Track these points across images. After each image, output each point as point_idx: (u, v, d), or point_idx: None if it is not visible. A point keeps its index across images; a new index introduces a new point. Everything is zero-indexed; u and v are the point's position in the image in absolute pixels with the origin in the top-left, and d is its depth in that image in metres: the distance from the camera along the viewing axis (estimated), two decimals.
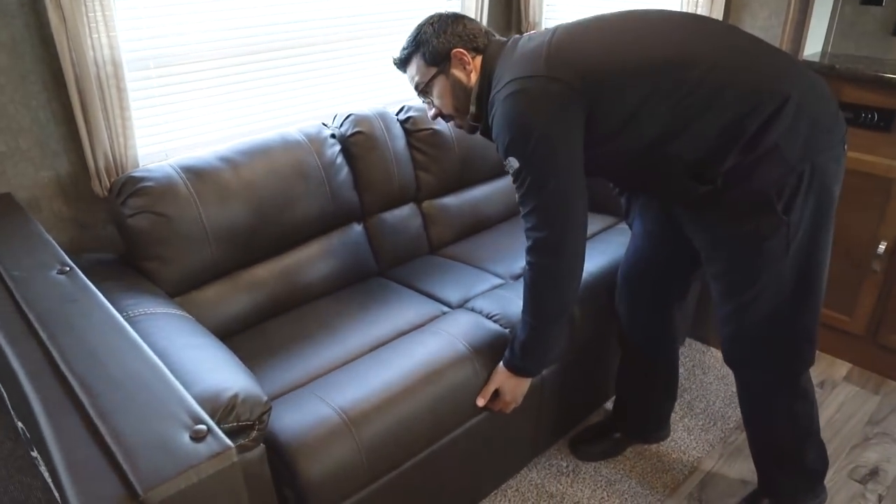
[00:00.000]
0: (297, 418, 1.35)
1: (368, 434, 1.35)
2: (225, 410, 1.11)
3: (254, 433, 1.17)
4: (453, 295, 1.85)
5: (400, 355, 1.53)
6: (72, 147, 1.67)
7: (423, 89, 1.50)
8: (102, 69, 1.56)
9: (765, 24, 2.08)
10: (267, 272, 1.78)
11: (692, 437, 1.99)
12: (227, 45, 1.84)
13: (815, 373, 2.03)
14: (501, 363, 1.55)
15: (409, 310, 1.76)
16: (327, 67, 2.09)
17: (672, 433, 1.99)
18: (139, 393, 0.86)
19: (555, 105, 1.27)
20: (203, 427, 0.79)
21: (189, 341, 1.30)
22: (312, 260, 1.86)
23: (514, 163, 1.32)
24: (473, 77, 1.43)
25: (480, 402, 1.54)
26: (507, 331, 1.65)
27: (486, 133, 1.44)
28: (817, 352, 1.48)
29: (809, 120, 1.26)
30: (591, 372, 1.98)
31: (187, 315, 1.45)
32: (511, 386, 1.55)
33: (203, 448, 0.76)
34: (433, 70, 1.46)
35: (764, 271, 1.36)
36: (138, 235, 1.55)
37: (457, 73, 1.44)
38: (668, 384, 1.88)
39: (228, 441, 0.77)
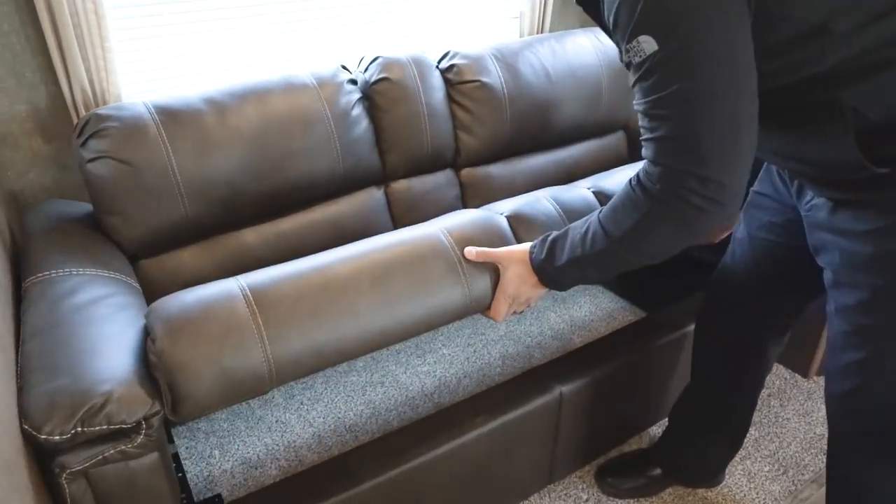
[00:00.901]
0: None
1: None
2: (90, 410, 0.90)
3: (139, 438, 0.96)
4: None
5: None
6: (50, 79, 1.50)
7: None
8: None
9: None
10: (257, 238, 1.55)
11: (753, 485, 1.62)
12: None
13: None
14: (526, 255, 1.15)
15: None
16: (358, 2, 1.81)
17: (727, 477, 1.63)
18: None
19: None
20: None
21: (100, 313, 1.10)
22: (316, 227, 1.61)
23: (645, 45, 0.86)
24: None
25: (471, 254, 1.17)
26: None
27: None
28: None
29: None
30: (631, 391, 1.64)
31: (127, 280, 1.25)
32: (526, 287, 1.17)
33: None
34: None
35: None
36: (98, 184, 1.35)
37: None
38: (736, 433, 1.52)
39: None
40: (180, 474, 1.39)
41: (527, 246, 1.16)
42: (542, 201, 1.30)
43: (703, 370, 1.47)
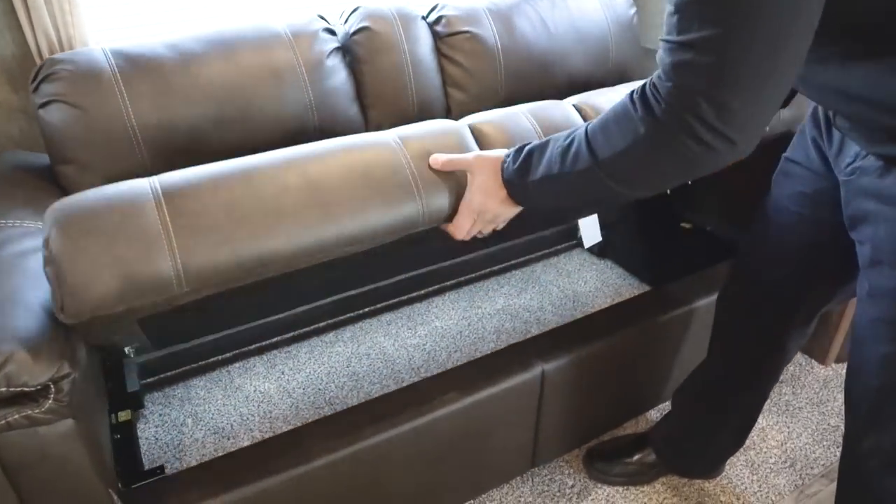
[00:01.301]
0: None
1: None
2: None
3: (48, 403, 0.87)
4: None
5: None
6: (14, 24, 1.42)
7: None
8: None
9: None
10: None
11: (755, 477, 1.49)
12: None
13: None
14: (499, 164, 0.99)
15: None
16: None
17: (727, 468, 1.50)
18: None
19: None
20: None
21: (26, 266, 1.01)
22: None
23: None
24: None
25: (436, 162, 1.01)
26: None
27: None
28: None
29: None
30: (626, 371, 1.51)
31: None
32: (494, 202, 1.00)
33: None
34: None
35: None
36: (50, 130, 1.27)
37: None
38: (742, 427, 1.37)
39: None
40: (132, 444, 1.32)
41: (501, 153, 0.99)
42: (518, 115, 1.15)
43: (717, 352, 1.32)
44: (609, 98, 1.22)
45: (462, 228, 1.03)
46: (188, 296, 0.90)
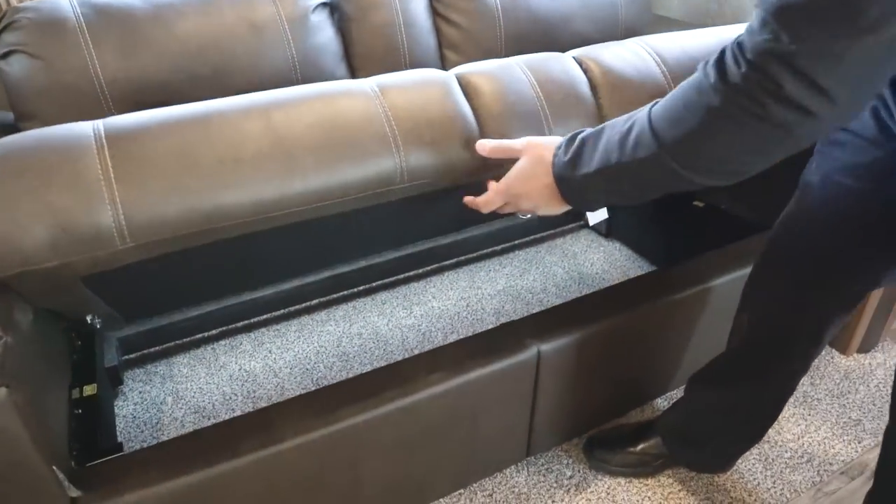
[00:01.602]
0: None
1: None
2: None
3: None
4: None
5: None
6: None
7: None
8: None
9: None
10: None
11: (769, 472, 1.38)
12: None
13: None
14: (551, 151, 0.88)
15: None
16: None
17: (740, 462, 1.39)
18: None
19: None
20: None
21: None
22: None
23: None
24: None
25: (483, 149, 0.92)
26: None
27: None
28: None
29: None
30: (631, 355, 1.40)
31: None
32: (536, 192, 0.90)
33: None
34: None
35: None
36: (11, 83, 1.19)
37: None
38: (763, 421, 1.24)
39: None
40: (96, 420, 1.23)
41: (555, 140, 0.89)
42: (512, 67, 1.04)
43: (742, 338, 1.17)
44: (616, 52, 1.10)
45: (489, 202, 0.94)
46: (134, 253, 0.81)
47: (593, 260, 2.01)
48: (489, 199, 0.95)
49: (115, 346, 1.59)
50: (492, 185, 0.95)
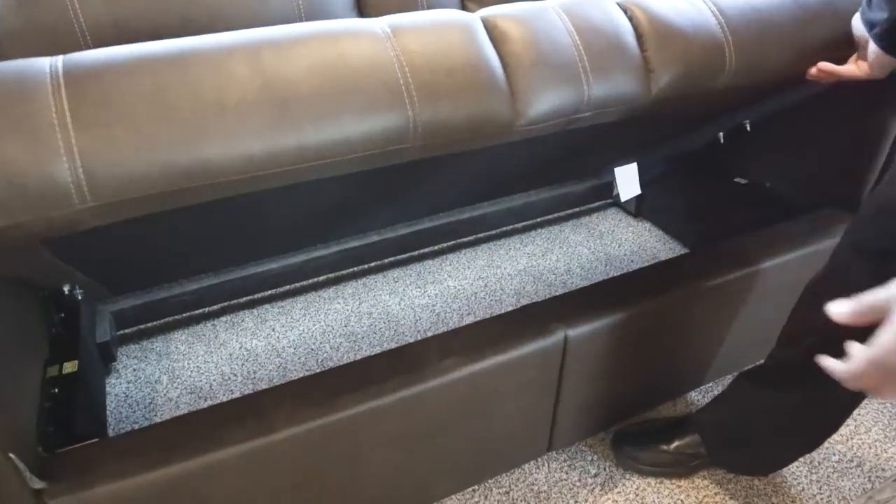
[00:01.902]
0: None
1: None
2: None
3: None
4: None
5: None
6: None
7: None
8: None
9: None
10: None
11: (815, 477, 1.25)
12: None
13: None
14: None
15: None
16: None
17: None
18: None
19: None
20: None
21: None
22: None
23: None
24: None
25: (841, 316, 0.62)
26: None
27: None
28: None
29: None
30: (664, 343, 1.27)
31: None
32: None
33: None
34: None
35: None
36: None
37: None
38: (827, 427, 1.08)
39: None
40: (75, 401, 1.12)
41: None
42: (546, 11, 0.90)
43: (813, 332, 1.00)
44: None
45: (856, 379, 0.62)
46: (98, 214, 0.69)
47: (621, 240, 1.88)
48: (856, 370, 0.61)
49: (108, 320, 1.49)
50: (858, 348, 0.61)
